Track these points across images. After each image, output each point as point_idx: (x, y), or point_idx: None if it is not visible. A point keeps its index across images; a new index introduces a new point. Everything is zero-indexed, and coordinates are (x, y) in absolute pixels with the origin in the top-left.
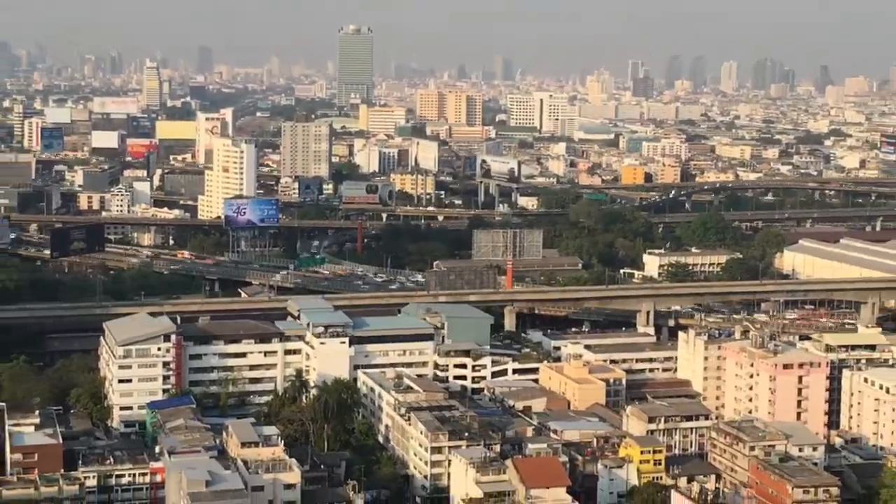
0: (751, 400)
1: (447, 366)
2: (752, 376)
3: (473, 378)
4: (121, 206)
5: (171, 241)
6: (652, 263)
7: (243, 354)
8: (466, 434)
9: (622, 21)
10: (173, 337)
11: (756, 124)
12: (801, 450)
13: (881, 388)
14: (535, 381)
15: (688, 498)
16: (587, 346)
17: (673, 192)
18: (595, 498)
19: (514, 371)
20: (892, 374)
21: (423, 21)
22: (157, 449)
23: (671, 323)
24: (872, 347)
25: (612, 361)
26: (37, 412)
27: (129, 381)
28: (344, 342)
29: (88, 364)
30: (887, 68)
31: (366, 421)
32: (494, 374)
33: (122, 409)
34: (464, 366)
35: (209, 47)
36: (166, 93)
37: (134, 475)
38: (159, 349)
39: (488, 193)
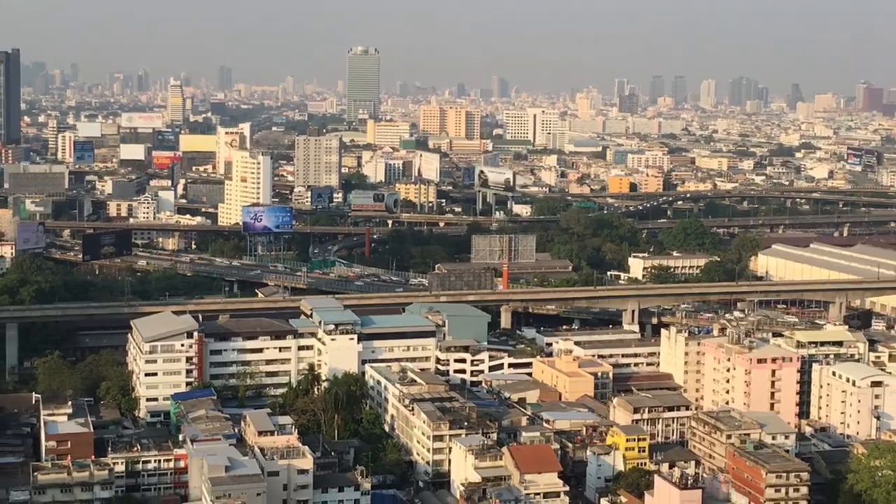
0: (728, 392)
1: (448, 360)
2: (728, 370)
3: (472, 372)
4: (147, 213)
5: (194, 246)
6: (636, 266)
7: (260, 350)
8: (466, 423)
9: (609, 43)
10: (195, 334)
11: (733, 138)
12: (774, 438)
13: (847, 381)
14: (529, 374)
15: (669, 482)
16: (577, 343)
17: (656, 200)
18: (584, 482)
19: (510, 365)
20: (858, 368)
21: (425, 43)
22: (180, 437)
23: (654, 321)
24: (839, 343)
25: (600, 356)
26: (69, 403)
27: (155, 374)
28: (353, 339)
29: (117, 359)
30: (853, 86)
31: (373, 411)
32: (491, 368)
33: (148, 400)
34: (463, 360)
35: (229, 67)
36: (189, 109)
37: (159, 461)
38: (182, 345)
39: (486, 202)
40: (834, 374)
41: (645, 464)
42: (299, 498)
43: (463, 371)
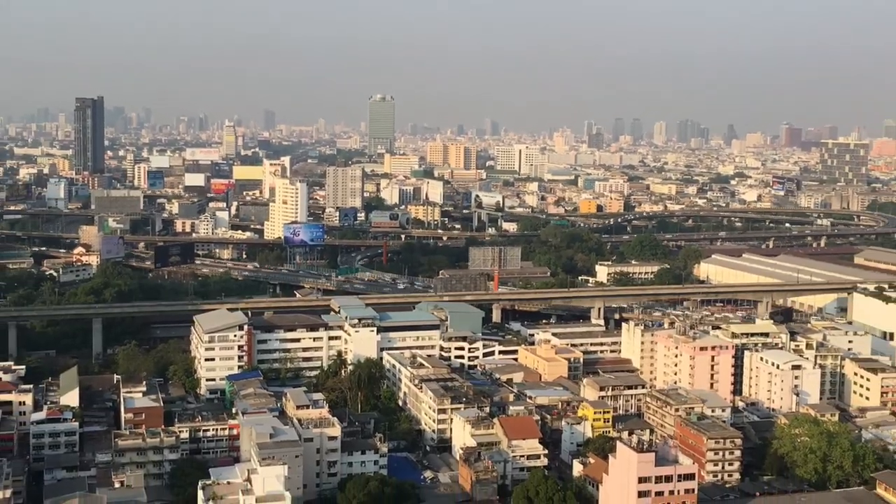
0: (676, 374)
1: (450, 348)
2: (677, 356)
3: (469, 357)
4: (206, 229)
5: (244, 256)
6: (602, 272)
7: (298, 340)
8: (464, 399)
9: (580, 92)
10: (245, 327)
11: (680, 168)
12: (713, 411)
13: (772, 364)
14: (515, 359)
15: (629, 447)
16: (554, 334)
17: (618, 219)
18: (560, 447)
19: (500, 352)
20: (781, 355)
21: (432, 92)
22: (233, 410)
23: (616, 316)
24: (766, 335)
25: (573, 345)
26: (144, 383)
27: (213, 359)
28: (373, 331)
29: (182, 347)
30: (778, 127)
31: (389, 389)
32: (485, 355)
33: (207, 380)
34: (462, 348)
35: (273, 111)
36: (240, 145)
37: (216, 430)
38: (235, 336)
39: (480, 220)
40: (762, 359)
41: (609, 432)
42: (329, 459)
43: (462, 357)
